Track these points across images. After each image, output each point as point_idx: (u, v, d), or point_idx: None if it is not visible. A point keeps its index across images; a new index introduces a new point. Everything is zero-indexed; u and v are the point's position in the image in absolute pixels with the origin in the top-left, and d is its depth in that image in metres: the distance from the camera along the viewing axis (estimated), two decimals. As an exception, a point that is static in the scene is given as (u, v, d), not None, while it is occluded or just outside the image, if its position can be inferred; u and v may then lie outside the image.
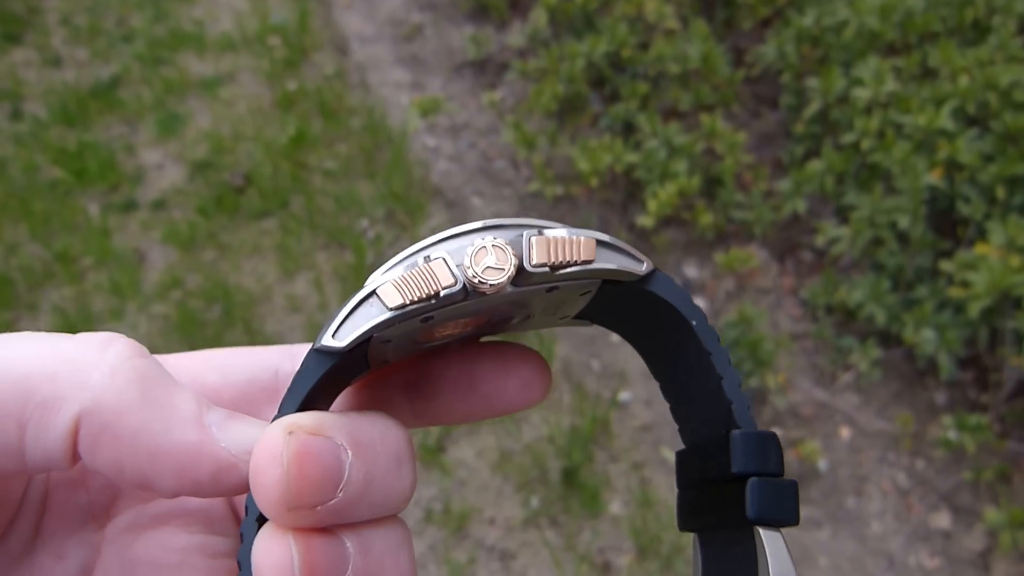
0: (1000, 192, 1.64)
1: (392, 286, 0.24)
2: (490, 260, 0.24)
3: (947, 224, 1.80)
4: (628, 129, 2.08)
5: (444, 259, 0.24)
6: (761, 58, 2.06)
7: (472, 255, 0.24)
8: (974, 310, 1.52)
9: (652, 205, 1.86)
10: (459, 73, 2.60)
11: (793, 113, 2.02)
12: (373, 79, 2.60)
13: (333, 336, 0.24)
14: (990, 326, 1.65)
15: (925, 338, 1.64)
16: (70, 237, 2.16)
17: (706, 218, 1.92)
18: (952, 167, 1.71)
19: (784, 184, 1.88)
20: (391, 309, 0.23)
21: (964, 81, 1.72)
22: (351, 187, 2.27)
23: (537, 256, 0.24)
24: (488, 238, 0.24)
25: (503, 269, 0.24)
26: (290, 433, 0.22)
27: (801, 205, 1.86)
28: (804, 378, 1.85)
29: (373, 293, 0.24)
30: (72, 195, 2.28)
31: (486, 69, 2.59)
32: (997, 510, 1.53)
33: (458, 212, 2.21)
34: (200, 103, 2.55)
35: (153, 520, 0.28)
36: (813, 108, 1.88)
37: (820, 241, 1.82)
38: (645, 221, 1.90)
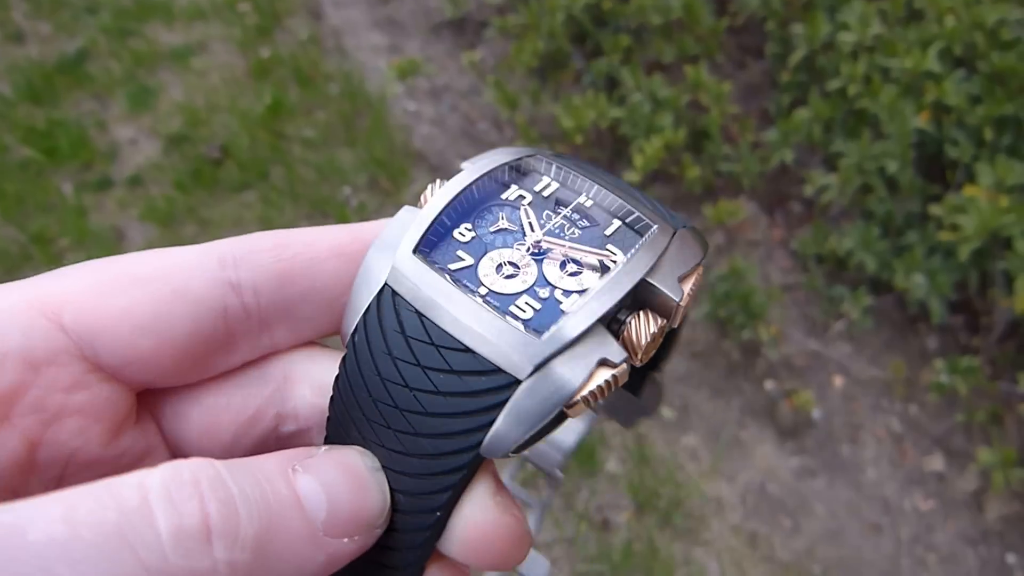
0: (988, 133, 1.62)
1: (584, 403, 0.25)
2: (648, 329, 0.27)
3: (936, 169, 1.79)
4: (611, 84, 2.04)
5: (624, 366, 0.26)
6: (745, 6, 2.01)
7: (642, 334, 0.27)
8: (964, 253, 1.51)
9: (638, 160, 1.83)
10: (437, 34, 2.54)
11: (779, 62, 1.99)
12: (349, 43, 2.54)
13: (514, 452, 0.25)
14: (980, 269, 1.65)
15: (916, 283, 1.64)
16: (45, 218, 2.11)
17: (693, 172, 1.90)
18: (939, 110, 1.69)
19: (771, 134, 1.86)
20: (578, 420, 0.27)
21: (950, 22, 1.69)
22: (332, 155, 2.23)
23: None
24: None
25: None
26: (498, 503, 0.26)
27: (789, 155, 1.84)
28: (796, 329, 1.85)
29: (563, 415, 0.25)
30: (44, 174, 2.22)
31: (465, 28, 2.53)
32: (989, 450, 1.54)
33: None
34: (171, 75, 2.48)
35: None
36: (799, 55, 1.85)
37: (809, 191, 1.81)
38: (632, 176, 1.87)
